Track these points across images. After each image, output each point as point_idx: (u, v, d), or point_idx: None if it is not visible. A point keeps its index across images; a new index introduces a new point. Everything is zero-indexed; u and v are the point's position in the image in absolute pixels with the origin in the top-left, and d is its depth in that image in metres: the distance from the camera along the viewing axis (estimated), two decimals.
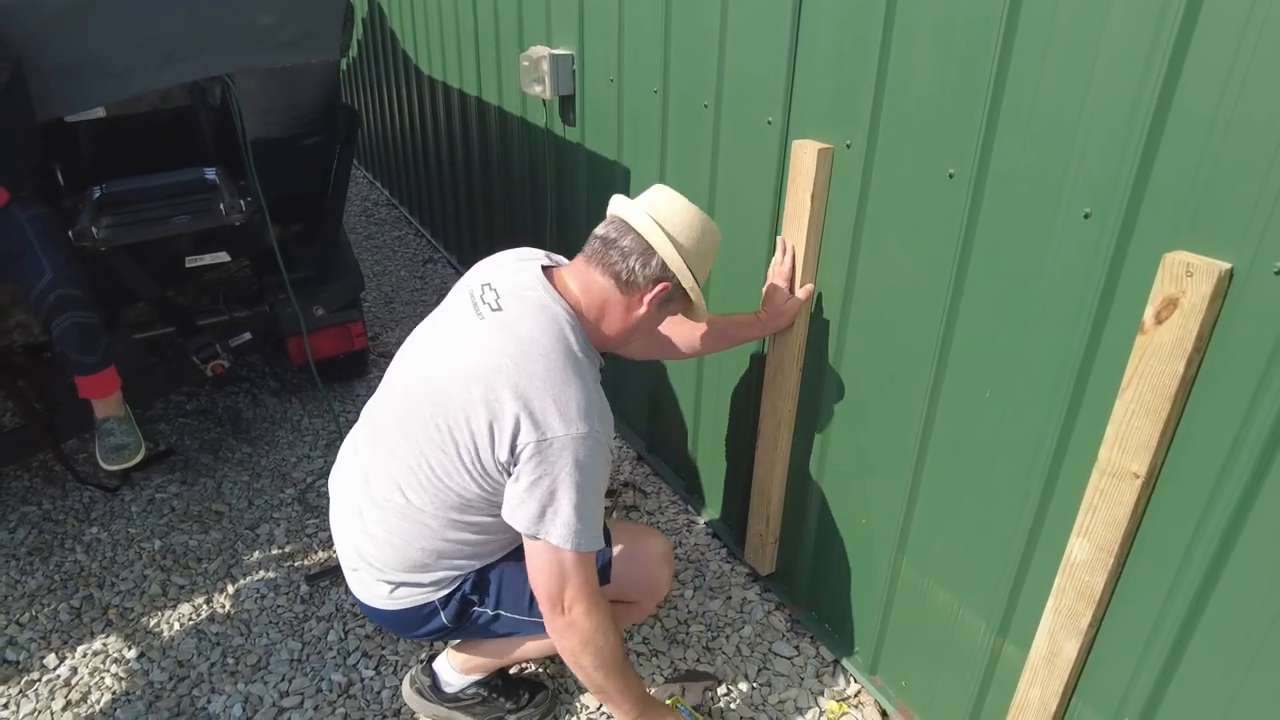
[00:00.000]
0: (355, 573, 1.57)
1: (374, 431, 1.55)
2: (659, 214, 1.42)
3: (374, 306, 3.90)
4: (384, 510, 1.48)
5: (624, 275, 1.42)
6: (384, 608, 1.54)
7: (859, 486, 1.75)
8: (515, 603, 1.55)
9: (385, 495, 1.47)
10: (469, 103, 3.49)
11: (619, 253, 1.42)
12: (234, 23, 2.12)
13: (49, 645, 2.01)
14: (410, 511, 1.44)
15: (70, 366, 2.03)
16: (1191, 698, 1.18)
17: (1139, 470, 1.13)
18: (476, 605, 1.55)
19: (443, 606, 1.53)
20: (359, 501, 1.53)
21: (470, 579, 1.53)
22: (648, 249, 1.41)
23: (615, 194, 1.50)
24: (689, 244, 1.43)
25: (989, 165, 1.28)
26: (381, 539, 1.49)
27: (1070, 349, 1.22)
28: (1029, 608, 1.40)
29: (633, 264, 1.41)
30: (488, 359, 1.34)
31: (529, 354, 1.33)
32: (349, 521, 1.56)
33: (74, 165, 2.38)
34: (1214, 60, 0.98)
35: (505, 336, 1.36)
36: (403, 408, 1.46)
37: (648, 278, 1.42)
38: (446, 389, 1.37)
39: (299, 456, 2.77)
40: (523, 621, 1.56)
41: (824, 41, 1.53)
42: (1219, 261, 1.00)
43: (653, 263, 1.41)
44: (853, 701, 1.86)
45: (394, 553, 1.48)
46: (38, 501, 2.53)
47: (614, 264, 1.42)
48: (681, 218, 1.43)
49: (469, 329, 1.41)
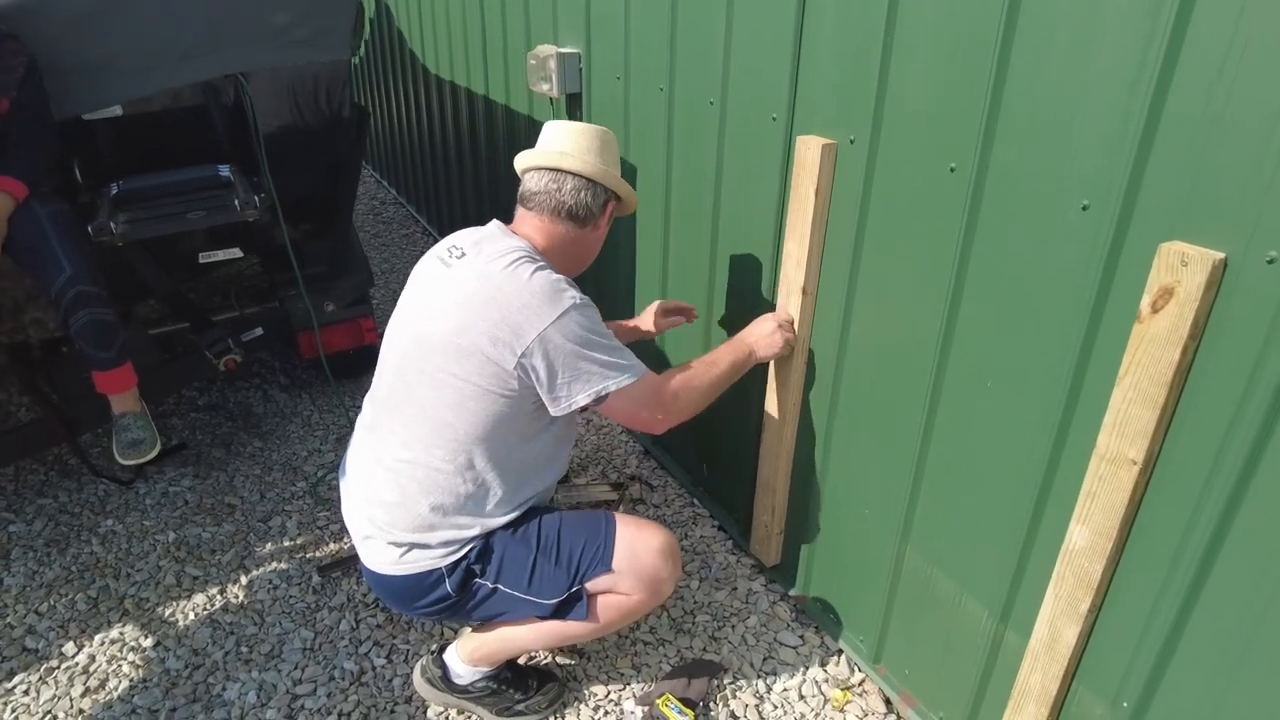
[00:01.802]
0: (368, 540, 1.63)
1: (376, 404, 1.66)
2: (572, 148, 1.63)
3: (383, 303, 3.93)
4: (394, 473, 1.58)
5: (579, 212, 1.63)
6: (393, 573, 1.60)
7: (862, 477, 1.78)
8: (515, 580, 1.60)
9: (394, 456, 1.58)
10: (476, 101, 3.52)
11: (567, 194, 1.62)
12: (248, 22, 2.15)
13: (67, 634, 2.05)
14: (418, 466, 1.54)
15: (88, 362, 2.07)
16: (1188, 681, 1.20)
17: (1136, 457, 1.16)
18: (478, 576, 1.60)
19: (449, 574, 1.58)
20: (371, 473, 1.63)
21: (476, 547, 1.59)
22: (588, 183, 1.63)
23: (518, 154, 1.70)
24: (611, 157, 1.67)
25: (989, 159, 1.30)
26: (392, 501, 1.57)
27: (1069, 338, 1.25)
28: (1030, 595, 1.42)
29: (583, 198, 1.63)
30: (461, 292, 1.50)
31: (493, 271, 1.49)
32: (361, 494, 1.64)
33: (92, 162, 2.42)
34: (1208, 53, 1.00)
35: (470, 270, 1.52)
36: (400, 369, 1.59)
37: (598, 204, 1.65)
38: (434, 334, 1.51)
39: (310, 450, 2.81)
40: (518, 599, 1.61)
41: (827, 39, 1.56)
42: (1213, 251, 1.03)
43: (596, 190, 1.64)
44: (857, 690, 1.89)
45: (403, 513, 1.56)
46: (54, 494, 2.57)
47: (565, 207, 1.62)
48: (585, 140, 1.64)
49: (439, 279, 1.57)
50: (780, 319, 1.79)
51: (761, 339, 1.77)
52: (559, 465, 1.72)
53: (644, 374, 1.56)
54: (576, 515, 1.67)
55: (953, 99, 1.33)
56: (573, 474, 2.64)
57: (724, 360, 1.73)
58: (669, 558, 1.64)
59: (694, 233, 2.15)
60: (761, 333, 1.78)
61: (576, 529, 1.63)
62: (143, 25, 2.05)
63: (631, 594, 1.62)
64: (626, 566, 1.61)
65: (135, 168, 2.30)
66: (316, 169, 2.68)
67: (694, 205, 2.11)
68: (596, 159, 1.63)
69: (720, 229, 2.05)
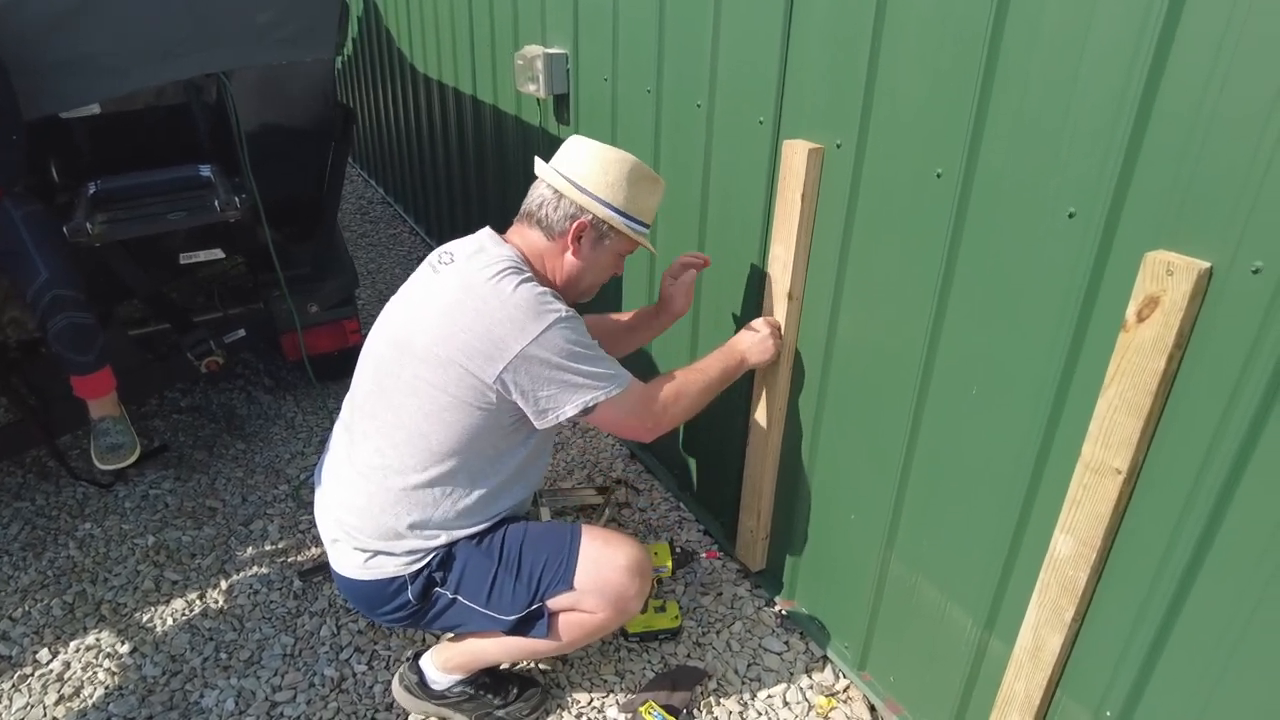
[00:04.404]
0: (335, 544, 1.63)
1: (354, 407, 1.64)
2: (562, 160, 1.59)
3: (368, 304, 3.90)
4: (365, 479, 1.56)
5: (544, 222, 1.59)
6: (358, 578, 1.59)
7: (848, 484, 1.77)
8: (474, 592, 1.58)
9: (366, 462, 1.56)
10: (464, 101, 3.50)
11: (536, 204, 1.59)
12: (231, 20, 2.12)
13: (42, 640, 2.02)
14: (390, 473, 1.53)
15: (65, 366, 2.04)
16: (1172, 689, 1.20)
17: (1121, 466, 1.15)
18: (439, 585, 1.58)
19: (411, 582, 1.57)
20: (343, 476, 1.62)
21: (439, 555, 1.57)
22: (555, 194, 1.57)
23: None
24: (595, 178, 1.56)
25: (976, 165, 1.29)
26: (360, 507, 1.56)
27: (1055, 346, 1.24)
28: (1014, 603, 1.42)
29: (548, 210, 1.57)
30: (443, 300, 1.48)
31: (477, 283, 1.47)
32: (332, 497, 1.63)
33: (69, 162, 2.39)
34: (1195, 62, 1.00)
35: (456, 279, 1.50)
36: (377, 373, 1.57)
37: (560, 219, 1.57)
38: (414, 341, 1.49)
39: (293, 453, 2.78)
40: (477, 612, 1.59)
41: (815, 42, 1.55)
42: (1199, 261, 1.02)
43: (562, 203, 1.57)
44: (842, 696, 1.88)
45: (371, 520, 1.55)
46: (31, 497, 2.53)
47: (534, 215, 1.59)
48: (583, 156, 1.57)
49: (425, 284, 1.55)
50: (771, 324, 1.78)
51: (753, 345, 1.76)
52: (533, 480, 1.70)
53: (631, 383, 1.55)
54: (542, 529, 1.64)
55: (939, 105, 1.32)
56: (558, 478, 2.62)
57: (714, 368, 1.71)
58: (635, 575, 1.58)
59: (681, 235, 2.14)
60: (753, 339, 1.77)
61: (540, 544, 1.60)
62: (122, 23, 2.01)
63: (596, 612, 1.58)
64: (590, 584, 1.56)
65: (114, 167, 2.27)
66: (300, 169, 2.65)
67: (681, 208, 2.10)
68: (572, 175, 1.56)
69: (707, 232, 2.04)
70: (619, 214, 1.58)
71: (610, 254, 1.64)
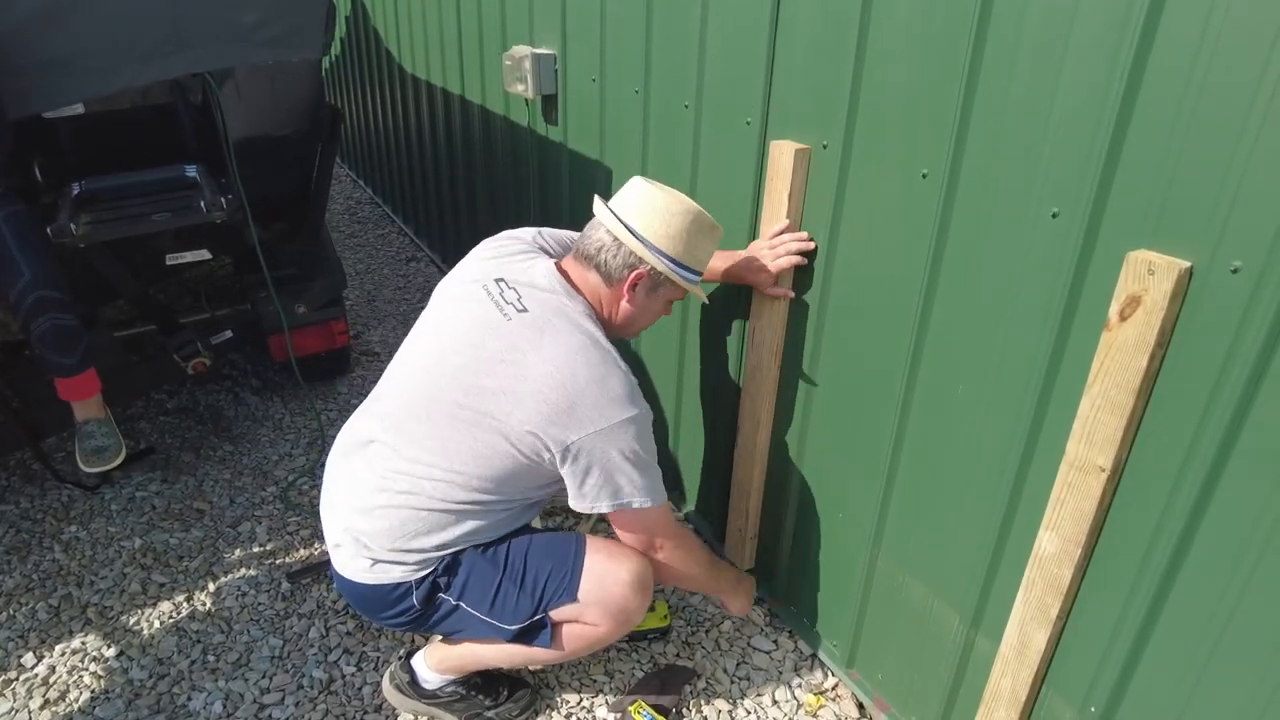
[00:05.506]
0: (338, 548, 1.60)
1: (385, 420, 1.58)
2: (622, 205, 1.55)
3: (356, 304, 3.89)
4: (385, 493, 1.52)
5: (603, 269, 1.54)
6: (361, 581, 1.57)
7: (836, 482, 1.78)
8: (478, 600, 1.57)
9: (394, 483, 1.52)
10: (452, 101, 3.50)
11: (594, 248, 1.54)
12: (217, 20, 2.11)
13: (26, 644, 2.01)
14: (421, 498, 1.50)
15: (49, 368, 2.02)
16: (1155, 684, 1.21)
17: (1105, 464, 1.16)
18: (443, 591, 1.57)
19: (416, 587, 1.56)
20: (361, 481, 1.57)
21: (445, 561, 1.56)
22: (615, 241, 1.52)
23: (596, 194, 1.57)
24: (656, 227, 1.52)
25: (961, 166, 1.30)
26: (377, 517, 1.53)
27: (1039, 345, 1.25)
28: (1000, 600, 1.43)
29: (605, 257, 1.53)
30: (533, 371, 1.43)
31: (564, 357, 1.44)
32: (345, 502, 1.59)
33: (53, 162, 2.37)
34: (1175, 63, 1.01)
35: (542, 353, 1.45)
36: (431, 401, 1.51)
37: (619, 267, 1.54)
38: (485, 389, 1.45)
39: (281, 454, 2.77)
40: (480, 620, 1.58)
41: (801, 43, 1.56)
42: (1180, 260, 1.03)
43: (620, 252, 1.53)
44: (830, 694, 1.89)
45: (385, 533, 1.53)
46: (15, 500, 2.51)
47: (593, 259, 1.54)
48: (645, 203, 1.53)
49: (496, 327, 1.49)
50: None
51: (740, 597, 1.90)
52: (543, 505, 1.72)
53: (666, 502, 1.56)
54: (547, 539, 1.63)
55: (924, 106, 1.33)
56: None
57: (713, 572, 1.79)
58: (638, 590, 1.58)
59: None
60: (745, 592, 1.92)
61: (544, 555, 1.59)
62: (106, 22, 1.99)
63: (598, 625, 1.58)
64: (594, 597, 1.56)
65: (98, 167, 2.25)
66: (287, 169, 2.64)
67: None
68: (632, 224, 1.52)
69: None
70: (675, 265, 1.55)
71: (662, 301, 1.63)
